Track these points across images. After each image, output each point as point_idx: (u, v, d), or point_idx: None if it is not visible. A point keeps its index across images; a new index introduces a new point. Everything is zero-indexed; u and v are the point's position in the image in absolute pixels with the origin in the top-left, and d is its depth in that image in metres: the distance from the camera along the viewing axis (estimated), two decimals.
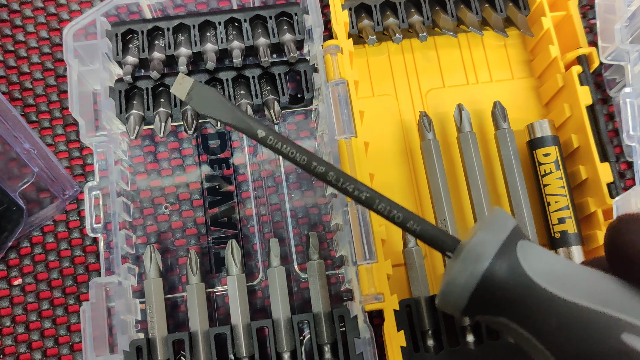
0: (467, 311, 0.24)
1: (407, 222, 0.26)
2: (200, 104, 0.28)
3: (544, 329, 0.22)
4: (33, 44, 0.42)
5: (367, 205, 0.26)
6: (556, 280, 0.23)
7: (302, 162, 0.27)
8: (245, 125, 0.27)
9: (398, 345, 0.34)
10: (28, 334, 0.37)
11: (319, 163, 0.27)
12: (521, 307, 0.23)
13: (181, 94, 0.28)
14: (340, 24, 0.38)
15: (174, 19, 0.39)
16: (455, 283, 0.23)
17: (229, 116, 0.28)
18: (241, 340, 0.34)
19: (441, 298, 0.24)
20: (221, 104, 0.28)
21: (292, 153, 0.27)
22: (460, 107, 0.38)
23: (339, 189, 0.27)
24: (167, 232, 0.39)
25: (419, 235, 0.26)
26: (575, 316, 0.21)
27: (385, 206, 0.26)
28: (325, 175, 0.27)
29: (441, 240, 0.26)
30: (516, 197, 0.37)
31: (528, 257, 0.23)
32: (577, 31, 0.40)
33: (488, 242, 0.23)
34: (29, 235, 0.39)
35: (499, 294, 0.23)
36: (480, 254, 0.23)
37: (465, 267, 0.23)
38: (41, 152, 0.36)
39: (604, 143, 0.37)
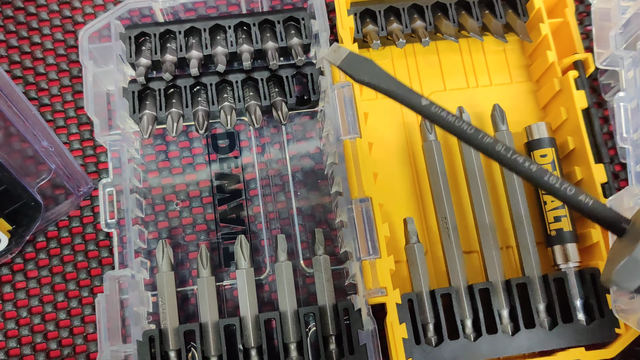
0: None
1: (579, 196, 0.26)
2: (357, 71, 0.28)
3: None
4: (49, 45, 0.44)
5: (536, 178, 0.26)
6: None
7: (468, 132, 0.26)
8: (406, 94, 0.27)
9: (400, 337, 0.35)
10: (44, 324, 0.39)
11: (486, 135, 0.26)
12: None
13: (335, 61, 0.28)
14: (345, 29, 0.40)
15: (185, 22, 0.41)
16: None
17: (390, 84, 0.27)
18: (249, 331, 0.36)
19: (626, 269, 0.25)
20: (379, 72, 0.28)
21: (457, 122, 0.26)
22: (461, 109, 0.40)
23: (507, 161, 0.26)
24: (177, 227, 0.41)
25: (589, 211, 0.26)
26: None
27: (557, 179, 0.26)
28: (492, 147, 0.26)
29: (615, 216, 0.26)
30: (514, 197, 0.39)
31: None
32: (574, 37, 0.41)
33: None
34: (44, 230, 0.40)
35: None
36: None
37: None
38: (58, 149, 0.38)
39: (599, 145, 0.39)
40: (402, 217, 0.39)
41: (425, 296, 0.37)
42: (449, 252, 0.38)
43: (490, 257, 0.38)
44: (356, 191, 0.37)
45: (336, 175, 0.38)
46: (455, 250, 0.37)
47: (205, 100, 0.40)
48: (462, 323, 0.36)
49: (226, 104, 0.39)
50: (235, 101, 0.40)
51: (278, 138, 0.42)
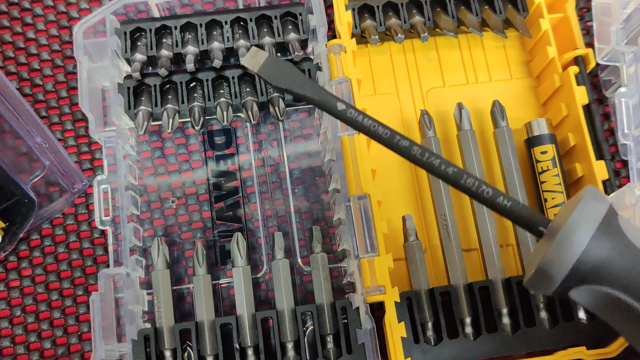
0: (562, 286, 0.24)
1: (497, 198, 0.25)
2: (274, 76, 0.27)
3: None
4: (43, 41, 0.43)
5: (454, 181, 0.25)
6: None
7: (384, 136, 0.25)
8: (323, 98, 0.26)
9: (399, 336, 0.35)
10: (38, 323, 0.38)
11: (402, 138, 0.25)
12: (627, 275, 0.23)
13: (253, 67, 0.27)
14: (343, 24, 0.39)
15: (181, 17, 0.40)
16: (554, 258, 0.23)
17: (306, 89, 0.26)
18: (246, 330, 0.35)
19: (537, 275, 0.24)
20: (297, 76, 0.27)
21: (373, 127, 0.26)
22: (460, 105, 0.39)
23: (423, 163, 0.25)
24: (173, 225, 0.40)
25: (508, 212, 0.25)
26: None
27: (474, 182, 0.25)
28: (409, 150, 0.25)
29: (532, 218, 0.25)
30: (514, 193, 0.38)
31: (630, 230, 0.24)
32: (574, 33, 0.41)
33: (590, 215, 0.23)
34: (38, 228, 0.40)
35: (602, 265, 0.23)
36: (581, 227, 0.23)
37: (566, 241, 0.23)
38: (52, 146, 0.37)
39: (600, 141, 0.38)
40: (400, 214, 0.38)
41: (424, 294, 0.36)
42: (448, 250, 0.37)
43: (490, 255, 0.37)
44: (354, 188, 0.36)
45: (334, 172, 0.38)
46: (454, 247, 0.37)
47: (201, 96, 0.39)
48: (461, 322, 0.36)
49: (222, 99, 0.39)
50: (232, 97, 0.39)
51: (275, 135, 0.42)
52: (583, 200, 0.24)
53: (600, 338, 0.36)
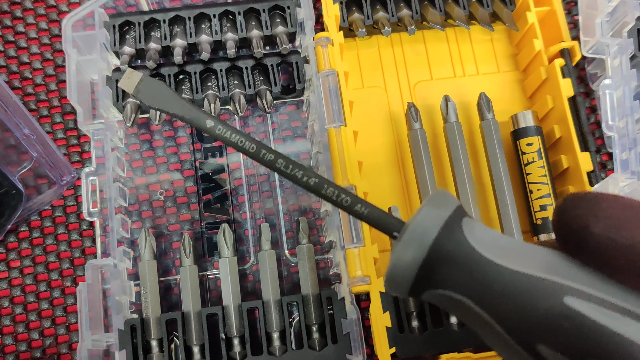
0: (413, 289, 0.24)
1: (355, 206, 0.26)
2: (149, 97, 0.28)
3: (488, 297, 0.22)
4: (33, 34, 0.43)
5: (315, 191, 0.26)
6: (500, 253, 0.23)
7: (251, 151, 0.27)
8: (193, 116, 0.27)
9: (384, 326, 0.35)
10: (26, 314, 0.39)
11: (268, 151, 0.27)
12: (467, 279, 0.23)
13: (129, 88, 0.28)
14: (331, 17, 0.40)
15: (170, 11, 0.40)
16: (402, 261, 0.23)
17: (177, 108, 0.28)
18: (232, 320, 0.36)
19: (388, 279, 0.24)
20: (169, 96, 0.28)
21: (240, 142, 0.27)
22: (447, 98, 0.40)
23: (288, 175, 0.27)
24: (161, 217, 0.40)
25: (366, 219, 0.26)
26: (519, 282, 0.22)
27: (334, 191, 0.26)
28: (274, 163, 0.26)
29: (387, 222, 0.26)
30: (499, 185, 0.38)
31: (473, 232, 0.24)
32: (561, 26, 0.41)
33: (433, 218, 0.23)
34: (27, 220, 0.40)
35: (445, 268, 0.23)
36: (425, 229, 0.23)
37: (411, 243, 0.23)
38: (40, 137, 0.38)
39: (585, 133, 0.39)
40: (387, 205, 0.38)
41: None
42: None
43: None
44: (340, 180, 0.36)
45: (321, 164, 0.38)
46: None
47: (189, 89, 0.39)
48: (446, 312, 0.36)
49: (210, 92, 0.39)
50: (220, 90, 0.39)
51: (263, 127, 0.42)
52: (427, 204, 0.24)
53: None
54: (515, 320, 0.22)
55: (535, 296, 0.21)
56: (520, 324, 0.21)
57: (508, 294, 0.22)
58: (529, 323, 0.21)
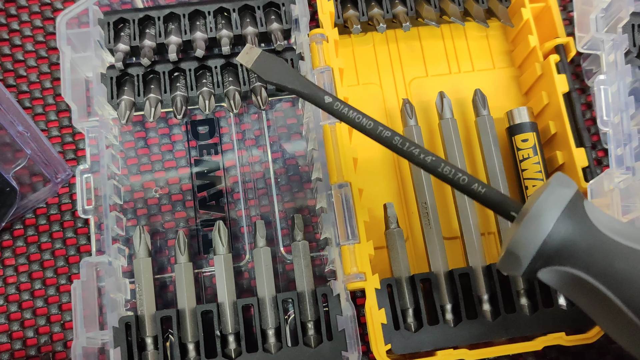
0: (531, 266, 0.25)
1: (472, 185, 0.27)
2: (267, 72, 0.29)
3: (612, 273, 0.24)
4: (27, 32, 0.43)
5: (432, 169, 0.27)
6: (621, 233, 0.25)
7: (368, 127, 0.27)
8: (310, 91, 0.28)
9: (379, 322, 0.35)
10: (21, 312, 0.38)
11: (385, 129, 0.27)
12: (590, 256, 0.24)
13: (248, 63, 0.29)
14: (325, 14, 0.40)
15: (164, 8, 0.40)
16: (523, 239, 0.25)
17: (296, 83, 0.28)
18: (227, 317, 0.35)
19: (507, 256, 0.25)
20: (288, 71, 0.29)
21: (358, 118, 0.28)
22: (442, 94, 0.40)
23: (404, 153, 0.27)
24: (156, 215, 0.40)
25: (483, 198, 0.27)
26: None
27: (451, 169, 0.27)
28: (391, 140, 0.27)
29: (505, 203, 0.27)
30: (495, 181, 0.38)
31: (594, 213, 0.25)
32: (556, 22, 0.41)
33: (557, 198, 0.25)
34: (22, 218, 0.40)
35: (567, 246, 0.24)
36: (549, 209, 0.24)
37: (534, 221, 0.24)
38: (34, 135, 0.38)
39: (580, 129, 0.39)
40: (382, 203, 0.38)
41: (404, 281, 0.36)
42: (429, 237, 0.37)
43: (470, 242, 0.37)
44: (335, 176, 0.36)
45: (316, 161, 0.38)
46: (435, 235, 0.37)
47: (184, 86, 0.39)
48: (442, 308, 0.36)
49: (205, 89, 0.39)
50: (215, 86, 0.39)
51: (258, 125, 0.42)
52: (550, 185, 0.25)
53: (579, 324, 0.36)
54: (637, 294, 0.23)
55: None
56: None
57: (631, 270, 0.23)
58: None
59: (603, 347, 0.39)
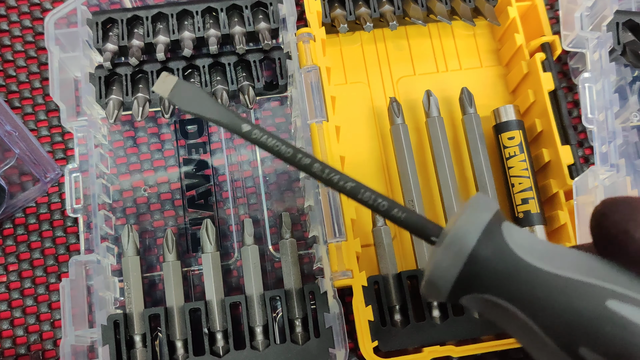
0: (452, 293, 0.24)
1: (392, 210, 0.26)
2: (184, 101, 0.28)
3: (530, 300, 0.23)
4: (17, 32, 0.43)
5: (352, 195, 0.27)
6: (541, 257, 0.23)
7: (286, 155, 0.27)
8: (229, 121, 0.27)
9: (366, 319, 0.35)
10: (10, 311, 0.39)
11: (304, 155, 0.27)
12: (508, 283, 0.23)
13: (164, 92, 0.28)
14: (313, 13, 0.40)
15: (152, 8, 0.41)
16: (442, 266, 0.24)
17: (214, 112, 0.28)
18: (215, 315, 0.36)
19: (427, 284, 0.25)
20: (205, 100, 0.28)
21: (276, 146, 0.27)
22: (429, 92, 0.40)
23: (324, 180, 0.27)
24: (145, 213, 0.41)
25: (404, 223, 0.26)
26: (561, 286, 0.22)
27: (370, 195, 0.26)
28: (310, 167, 0.27)
29: (425, 227, 0.26)
30: (481, 179, 0.39)
31: (512, 236, 0.24)
32: (542, 20, 0.41)
33: (473, 223, 0.24)
34: (11, 217, 0.40)
35: (485, 273, 0.23)
36: (465, 234, 0.23)
37: (452, 248, 0.23)
38: (22, 134, 0.38)
39: (566, 127, 0.39)
40: None
41: (391, 279, 0.37)
42: None
43: None
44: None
45: None
46: None
47: None
48: (428, 306, 0.36)
49: None
50: (202, 86, 0.40)
51: None
52: (467, 209, 0.24)
53: None
54: (557, 323, 0.22)
55: (577, 300, 0.22)
56: (562, 327, 0.22)
57: (550, 297, 0.22)
58: (572, 326, 0.21)
59: None
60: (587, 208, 0.36)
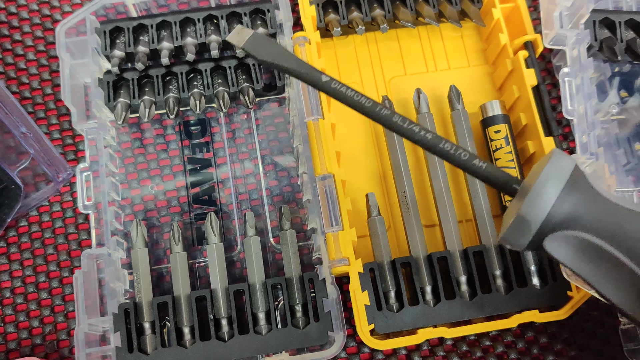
0: (539, 234, 0.26)
1: (473, 160, 0.27)
2: (260, 51, 0.29)
3: (620, 234, 0.25)
4: (29, 42, 0.46)
5: (432, 146, 0.27)
6: (624, 200, 0.26)
7: (367, 105, 0.27)
8: (306, 70, 0.28)
9: (362, 304, 0.37)
10: (26, 304, 0.41)
11: (384, 107, 0.27)
12: (598, 220, 0.25)
13: (239, 42, 0.29)
14: (308, 18, 0.42)
15: (157, 16, 0.43)
16: (533, 207, 0.25)
17: (291, 62, 0.28)
18: (220, 303, 0.38)
19: (513, 228, 0.26)
20: (281, 51, 0.28)
21: (356, 96, 0.27)
22: (419, 91, 0.42)
23: (404, 131, 0.27)
24: (153, 210, 0.43)
25: (484, 174, 0.27)
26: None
27: (451, 146, 0.27)
28: (390, 118, 0.27)
29: (506, 178, 0.27)
30: None
31: (595, 182, 0.26)
32: (524, 20, 0.44)
33: (560, 168, 0.26)
34: (26, 215, 0.42)
35: (574, 212, 0.25)
36: (554, 177, 0.25)
37: (541, 192, 0.25)
38: (37, 135, 0.40)
39: (549, 119, 0.41)
40: (365, 192, 0.41)
41: (386, 265, 0.38)
42: (409, 224, 0.40)
43: (448, 228, 0.40)
44: (319, 169, 0.39)
45: (301, 156, 0.40)
46: (414, 221, 0.39)
47: (176, 88, 0.42)
48: (421, 290, 0.38)
49: (196, 90, 0.42)
50: (205, 88, 0.42)
51: (248, 124, 0.45)
52: (552, 158, 0.26)
53: (552, 302, 0.38)
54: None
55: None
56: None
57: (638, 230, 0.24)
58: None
59: (577, 325, 0.41)
60: None
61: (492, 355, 0.41)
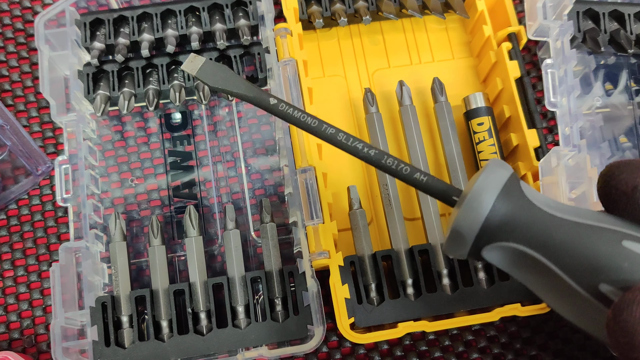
0: (476, 245, 0.27)
1: (414, 174, 0.28)
2: (211, 78, 0.31)
3: (551, 245, 0.25)
4: (9, 35, 0.46)
5: (376, 161, 0.29)
6: (557, 209, 0.26)
7: (312, 125, 0.29)
8: (255, 95, 0.30)
9: (342, 297, 0.37)
10: (4, 298, 0.40)
11: (329, 126, 0.29)
12: (530, 231, 0.26)
13: (192, 71, 0.31)
14: (289, 9, 0.42)
15: (138, 8, 0.43)
16: (466, 220, 0.26)
17: (241, 88, 0.30)
18: (199, 296, 0.37)
19: (452, 238, 0.27)
20: (232, 77, 0.30)
21: (302, 117, 0.29)
22: (402, 83, 0.42)
23: (348, 148, 0.29)
24: (133, 203, 0.42)
25: (425, 186, 0.28)
26: (579, 231, 0.25)
27: (393, 161, 0.29)
28: (335, 136, 0.29)
29: (446, 189, 0.28)
30: (453, 163, 0.40)
31: (530, 192, 0.27)
32: (509, 12, 0.43)
33: (493, 179, 0.26)
34: (4, 209, 0.42)
35: (508, 223, 0.26)
36: (487, 189, 0.26)
37: (475, 202, 0.26)
38: (14, 128, 0.40)
39: (532, 111, 0.41)
40: (347, 184, 0.40)
41: (367, 258, 0.38)
42: (390, 217, 0.39)
43: (430, 222, 0.39)
44: (300, 162, 0.38)
45: (282, 149, 0.40)
46: (395, 214, 0.39)
47: (156, 80, 0.41)
48: (402, 283, 0.38)
49: (176, 82, 0.41)
50: (185, 80, 0.42)
51: (229, 117, 0.44)
52: (487, 168, 0.27)
53: (534, 295, 0.37)
54: (578, 264, 0.25)
55: (596, 241, 0.25)
56: (583, 267, 0.24)
57: (570, 241, 0.25)
58: (592, 266, 0.24)
59: (559, 319, 0.41)
60: (552, 188, 0.37)
61: (474, 350, 0.40)
